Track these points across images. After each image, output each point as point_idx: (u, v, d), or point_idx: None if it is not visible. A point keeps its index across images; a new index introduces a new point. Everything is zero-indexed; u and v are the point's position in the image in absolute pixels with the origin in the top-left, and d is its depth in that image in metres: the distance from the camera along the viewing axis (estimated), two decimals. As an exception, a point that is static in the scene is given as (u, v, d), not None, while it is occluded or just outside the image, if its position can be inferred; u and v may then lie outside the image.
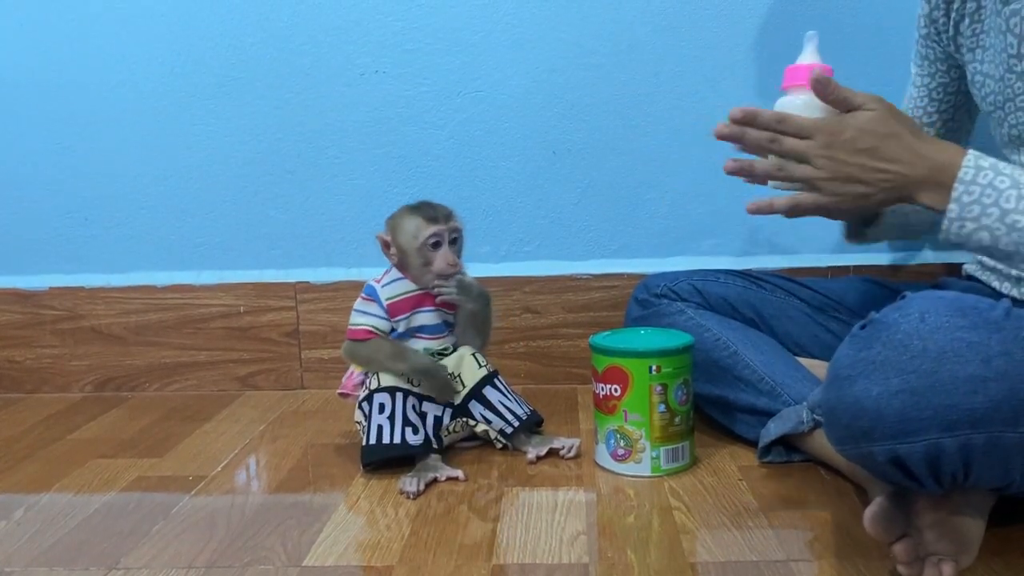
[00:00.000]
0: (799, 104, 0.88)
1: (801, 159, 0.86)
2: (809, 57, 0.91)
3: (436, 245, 1.08)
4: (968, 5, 1.03)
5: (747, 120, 0.87)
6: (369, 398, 1.08)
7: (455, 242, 1.10)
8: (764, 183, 0.92)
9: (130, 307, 1.47)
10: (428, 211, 1.09)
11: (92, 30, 1.42)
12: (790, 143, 0.86)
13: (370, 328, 1.10)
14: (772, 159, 0.89)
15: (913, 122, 0.86)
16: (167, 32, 1.41)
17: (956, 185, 0.81)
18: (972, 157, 0.82)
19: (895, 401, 0.68)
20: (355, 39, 1.39)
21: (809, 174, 0.85)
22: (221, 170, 1.44)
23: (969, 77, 1.05)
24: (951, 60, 1.10)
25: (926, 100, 1.13)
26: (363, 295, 1.11)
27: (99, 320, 1.48)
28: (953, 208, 0.81)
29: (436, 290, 1.10)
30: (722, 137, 0.89)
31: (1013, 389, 0.66)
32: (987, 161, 0.82)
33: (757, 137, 0.87)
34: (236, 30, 1.40)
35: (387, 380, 1.08)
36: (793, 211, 0.89)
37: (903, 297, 0.74)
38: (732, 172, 0.91)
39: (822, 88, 0.85)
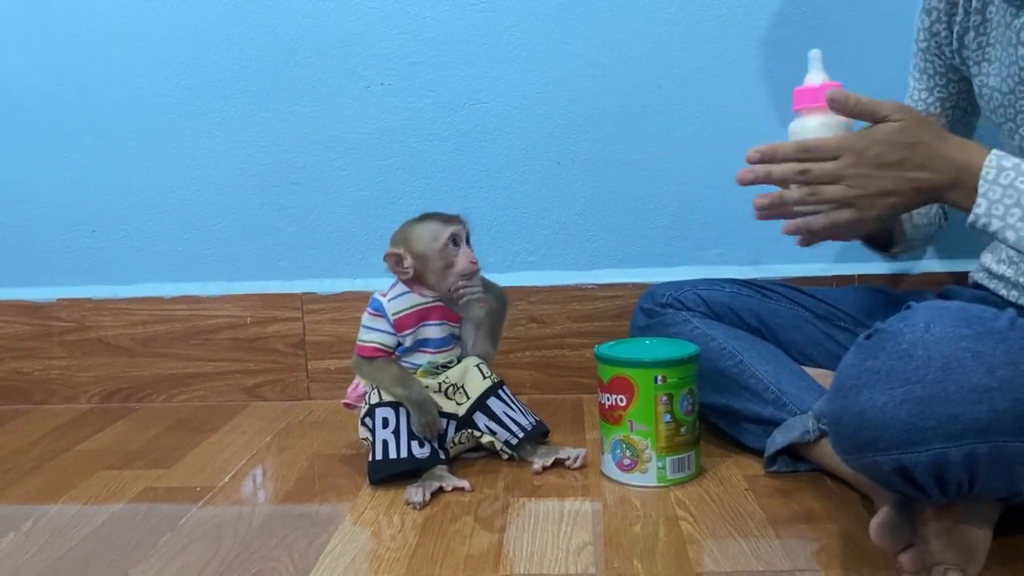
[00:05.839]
0: (815, 125, 0.88)
1: (833, 180, 0.84)
2: (816, 76, 0.90)
3: (456, 243, 1.08)
4: (973, 18, 1.03)
5: (767, 158, 0.86)
6: (371, 412, 1.08)
7: (468, 242, 1.10)
8: (793, 214, 0.88)
9: (137, 318, 1.48)
10: (439, 216, 1.10)
11: (98, 45, 1.43)
12: (819, 168, 0.84)
13: (377, 345, 1.10)
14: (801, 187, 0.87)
15: (938, 127, 0.86)
16: (173, 46, 1.42)
17: (980, 184, 0.82)
18: (995, 157, 0.82)
19: (900, 411, 0.68)
20: (360, 52, 1.40)
21: (843, 193, 0.84)
22: (227, 182, 1.45)
23: (976, 90, 1.05)
24: (954, 73, 1.10)
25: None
26: (371, 310, 1.11)
27: (106, 331, 1.49)
28: (981, 204, 0.82)
29: (460, 291, 1.09)
30: (746, 183, 0.87)
31: (1017, 399, 0.66)
32: (1010, 162, 0.82)
33: (783, 171, 0.86)
34: (242, 43, 1.41)
35: (389, 395, 1.09)
36: (830, 228, 0.87)
37: (908, 307, 0.74)
38: (763, 208, 0.88)
39: (841, 105, 0.85)
